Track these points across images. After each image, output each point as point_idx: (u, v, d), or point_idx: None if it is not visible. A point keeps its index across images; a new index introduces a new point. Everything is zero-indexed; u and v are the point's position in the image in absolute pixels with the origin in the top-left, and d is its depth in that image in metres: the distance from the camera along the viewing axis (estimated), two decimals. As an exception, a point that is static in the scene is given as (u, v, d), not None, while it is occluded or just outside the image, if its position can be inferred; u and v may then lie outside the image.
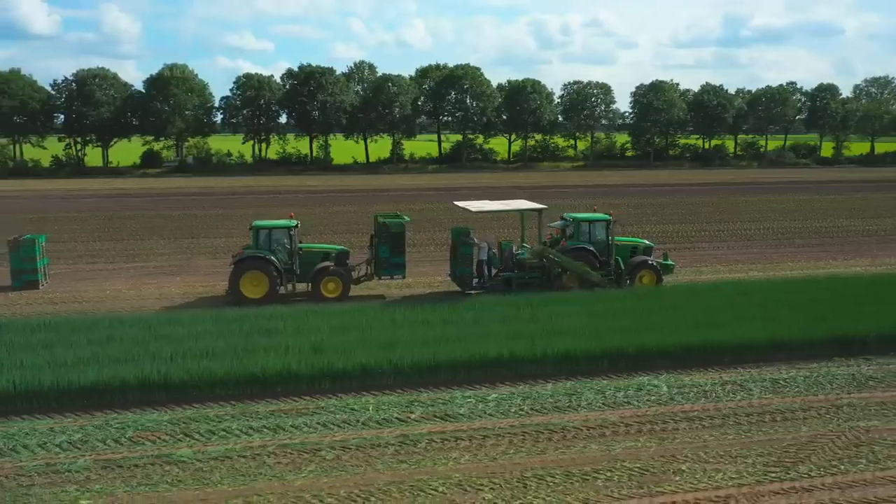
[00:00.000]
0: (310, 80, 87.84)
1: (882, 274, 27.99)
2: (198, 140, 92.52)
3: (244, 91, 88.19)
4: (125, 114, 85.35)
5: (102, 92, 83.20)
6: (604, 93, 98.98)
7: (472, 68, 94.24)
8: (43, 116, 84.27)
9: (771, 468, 12.62)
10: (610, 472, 12.47)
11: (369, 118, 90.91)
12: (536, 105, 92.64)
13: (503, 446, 13.52)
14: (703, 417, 14.84)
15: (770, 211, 48.74)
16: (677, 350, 17.99)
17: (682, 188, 66.39)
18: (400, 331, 18.94)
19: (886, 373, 17.44)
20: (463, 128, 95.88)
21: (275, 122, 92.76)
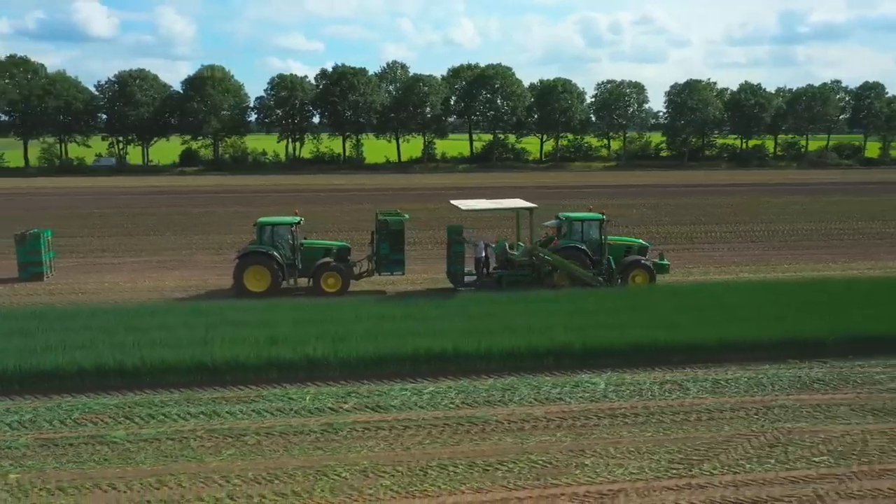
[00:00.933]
0: (342, 80, 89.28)
1: (871, 277, 27.39)
2: (234, 139, 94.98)
3: (278, 91, 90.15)
4: (164, 114, 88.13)
5: (142, 92, 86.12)
6: (637, 92, 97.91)
7: (502, 68, 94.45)
8: (86, 116, 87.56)
9: (675, 465, 12.78)
10: (514, 464, 12.81)
11: (400, 118, 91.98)
12: (567, 105, 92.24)
13: (420, 437, 13.97)
14: (628, 415, 15.01)
15: (789, 213, 47.78)
16: (626, 349, 18.11)
17: (708, 189, 65.39)
18: (358, 325, 19.49)
19: (835, 376, 17.27)
20: (493, 127, 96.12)
21: (308, 121, 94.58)
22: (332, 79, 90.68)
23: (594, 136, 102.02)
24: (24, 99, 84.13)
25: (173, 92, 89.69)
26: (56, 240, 35.53)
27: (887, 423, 14.62)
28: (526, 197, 48.97)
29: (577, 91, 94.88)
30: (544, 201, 50.37)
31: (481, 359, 17.61)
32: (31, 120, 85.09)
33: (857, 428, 14.33)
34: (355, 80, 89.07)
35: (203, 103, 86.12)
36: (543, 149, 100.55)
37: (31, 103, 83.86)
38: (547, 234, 28.41)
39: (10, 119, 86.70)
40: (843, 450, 13.37)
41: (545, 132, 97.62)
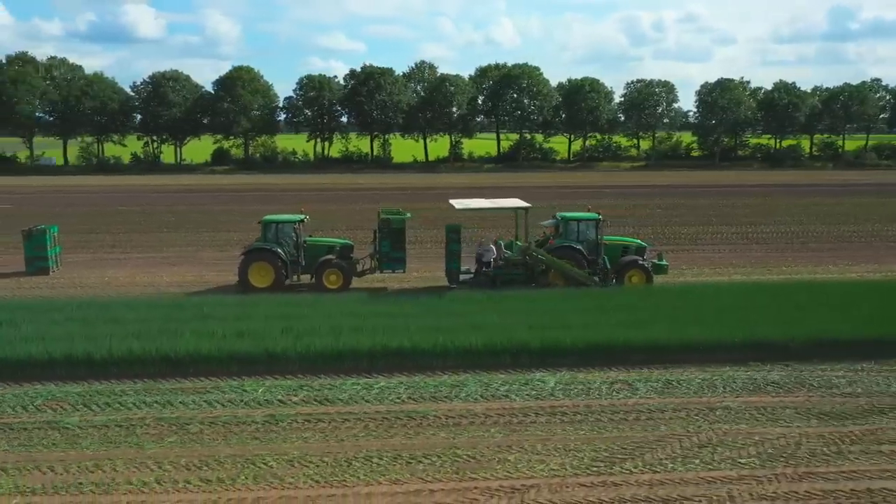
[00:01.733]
0: (369, 80, 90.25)
1: (859, 280, 26.86)
2: (265, 139, 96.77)
3: (306, 92, 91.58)
4: (196, 113, 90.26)
5: (175, 93, 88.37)
6: (667, 91, 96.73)
7: (529, 67, 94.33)
8: (122, 116, 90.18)
9: (597, 463, 12.91)
10: (438, 458, 13.08)
11: (427, 118, 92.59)
12: (595, 104, 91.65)
13: (357, 429, 14.35)
14: (568, 413, 15.13)
15: (807, 214, 46.82)
16: (583, 348, 18.20)
17: (733, 189, 64.35)
18: (328, 321, 19.92)
19: (792, 379, 17.09)
20: (520, 127, 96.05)
21: (336, 121, 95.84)
22: (360, 79, 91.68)
23: (623, 136, 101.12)
24: (63, 100, 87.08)
25: (205, 92, 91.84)
26: (71, 236, 37.14)
27: (829, 426, 14.48)
28: (546, 196, 49.40)
29: (605, 90, 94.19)
30: (563, 201, 50.77)
31: (438, 356, 17.88)
32: (70, 120, 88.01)
33: (796, 431, 14.23)
34: (382, 80, 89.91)
35: (233, 103, 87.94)
36: (571, 148, 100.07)
37: (69, 104, 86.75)
38: (545, 234, 28.54)
39: (51, 119, 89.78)
40: (773, 452, 13.31)
41: (573, 132, 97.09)
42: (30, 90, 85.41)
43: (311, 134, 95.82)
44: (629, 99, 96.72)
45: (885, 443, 13.72)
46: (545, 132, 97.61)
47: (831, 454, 13.25)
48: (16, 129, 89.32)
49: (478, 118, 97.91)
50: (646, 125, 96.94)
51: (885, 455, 13.23)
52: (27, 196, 60.12)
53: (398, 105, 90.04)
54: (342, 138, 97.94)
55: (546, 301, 21.89)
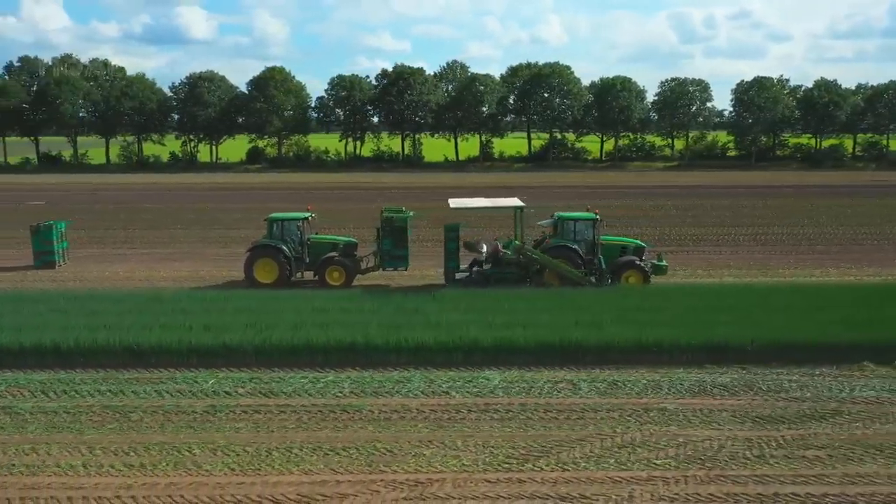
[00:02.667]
0: (399, 79, 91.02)
1: (850, 284, 26.14)
2: (298, 138, 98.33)
3: (337, 91, 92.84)
4: (230, 113, 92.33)
5: (210, 93, 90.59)
6: (701, 90, 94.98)
7: (560, 66, 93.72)
8: (160, 116, 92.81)
9: (510, 460, 13.03)
10: (357, 451, 13.39)
11: (457, 117, 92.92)
12: (626, 103, 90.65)
13: (290, 421, 14.75)
14: (500, 410, 15.24)
15: (828, 216, 45.52)
16: (536, 347, 18.26)
17: (761, 190, 62.74)
18: (294, 316, 20.38)
19: (742, 382, 16.87)
20: (551, 126, 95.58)
21: (368, 120, 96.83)
22: (391, 78, 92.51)
23: (656, 136, 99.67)
24: (104, 100, 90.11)
25: (239, 92, 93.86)
26: (89, 232, 38.65)
27: (761, 430, 14.30)
28: (564, 197, 49.26)
29: (637, 89, 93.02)
30: (580, 202, 50.21)
31: (390, 352, 18.18)
32: (111, 120, 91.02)
33: (725, 434, 14.10)
34: (412, 80, 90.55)
35: (266, 103, 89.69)
36: (604, 148, 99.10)
37: (109, 104, 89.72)
38: (545, 234, 28.56)
39: (93, 119, 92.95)
40: (692, 454, 13.24)
41: (604, 131, 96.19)
42: (73, 91, 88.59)
43: (343, 133, 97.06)
44: (662, 98, 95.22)
45: (812, 448, 13.50)
46: (576, 131, 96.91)
47: (752, 458, 13.11)
48: (60, 128, 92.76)
49: (508, 117, 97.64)
50: (679, 124, 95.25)
51: (807, 460, 13.03)
52: (61, 194, 62.47)
53: (427, 104, 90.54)
54: (374, 138, 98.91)
55: (510, 300, 21.94)
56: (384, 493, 11.93)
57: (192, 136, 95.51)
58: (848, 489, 11.96)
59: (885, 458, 13.10)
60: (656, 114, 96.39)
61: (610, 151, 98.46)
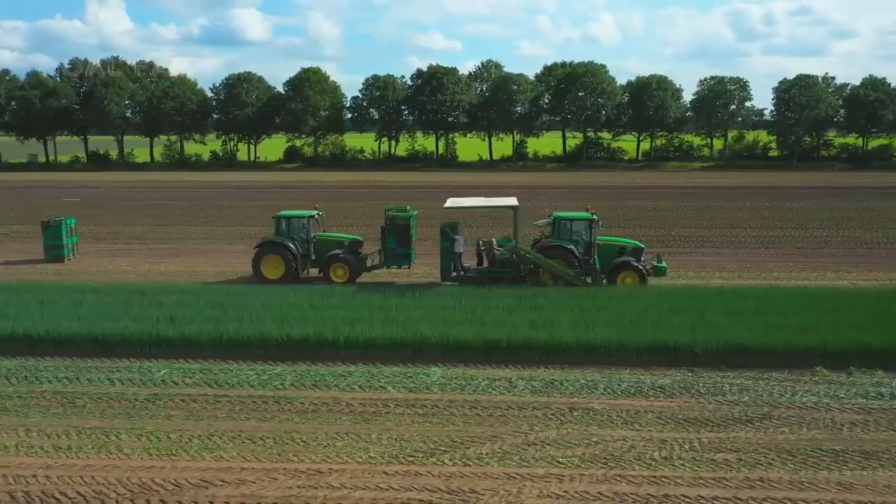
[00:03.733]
0: (432, 79, 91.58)
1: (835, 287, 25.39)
2: (334, 137, 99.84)
3: (371, 91, 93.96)
4: (267, 113, 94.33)
5: (248, 94, 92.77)
6: (739, 88, 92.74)
7: (594, 65, 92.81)
8: (199, 116, 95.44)
9: (417, 453, 13.31)
10: (273, 440, 13.86)
11: (489, 116, 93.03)
12: (661, 102, 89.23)
13: (222, 411, 15.30)
14: (429, 406, 15.51)
15: (849, 218, 44.11)
16: (484, 345, 18.45)
17: (796, 191, 60.87)
18: (261, 310, 20.97)
19: (682, 384, 16.74)
20: (585, 126, 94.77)
21: (402, 120, 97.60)
22: (424, 78, 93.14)
23: (695, 135, 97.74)
24: (148, 101, 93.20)
25: (276, 93, 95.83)
26: (106, 227, 40.24)
27: (681, 432, 14.23)
28: (589, 197, 48.88)
29: (674, 88, 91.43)
30: (604, 202, 50.20)
31: (340, 347, 18.64)
32: (154, 120, 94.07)
33: (642, 435, 14.09)
34: (445, 80, 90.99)
35: (302, 103, 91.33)
36: (640, 148, 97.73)
37: (153, 105, 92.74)
38: (543, 233, 28.64)
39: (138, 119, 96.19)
40: (599, 454, 13.28)
41: (639, 131, 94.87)
42: (118, 92, 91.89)
43: (379, 133, 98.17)
44: (700, 96, 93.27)
45: (724, 451, 13.38)
46: (612, 131, 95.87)
47: (658, 459, 13.09)
48: (107, 128, 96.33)
49: (542, 117, 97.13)
50: (716, 124, 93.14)
51: (714, 463, 12.94)
52: (96, 190, 65.03)
53: (459, 104, 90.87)
54: (408, 137, 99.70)
55: (472, 298, 22.14)
56: (282, 480, 12.34)
57: (232, 135, 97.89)
58: (742, 493, 11.86)
59: (796, 463, 12.92)
60: (694, 113, 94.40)
61: (646, 151, 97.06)
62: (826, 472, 12.60)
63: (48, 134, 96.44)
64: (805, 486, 12.13)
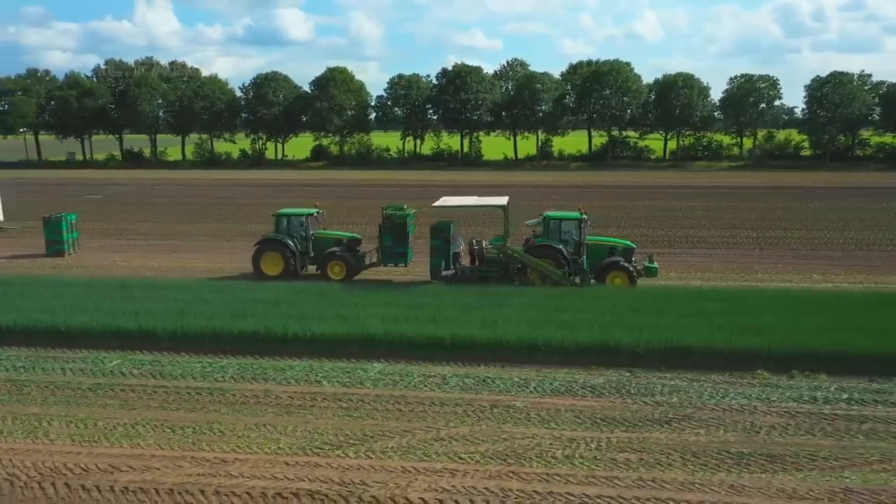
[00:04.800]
0: (456, 78, 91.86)
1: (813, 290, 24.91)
2: (360, 136, 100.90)
3: (396, 91, 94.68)
4: (294, 112, 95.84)
5: (274, 93, 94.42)
6: (770, 86, 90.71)
7: (619, 63, 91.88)
8: (228, 115, 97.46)
9: (323, 446, 13.61)
10: (193, 429, 14.32)
11: (513, 115, 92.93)
12: (687, 101, 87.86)
13: (154, 401, 15.83)
14: (354, 400, 15.80)
15: (865, 220, 43.03)
16: (426, 342, 18.68)
17: (816, 191, 59.52)
18: (225, 306, 21.60)
19: (613, 384, 16.70)
20: (609, 125, 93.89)
21: (427, 119, 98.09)
22: (449, 77, 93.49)
23: (724, 134, 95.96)
24: (179, 100, 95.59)
25: (303, 92, 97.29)
26: (116, 224, 41.52)
27: (594, 432, 14.24)
28: (604, 196, 48.65)
29: (700, 86, 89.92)
30: (617, 201, 49.94)
31: (288, 342, 19.07)
32: (185, 119, 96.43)
33: (553, 433, 14.15)
34: (468, 79, 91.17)
35: (328, 102, 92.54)
36: (668, 147, 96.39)
37: (183, 104, 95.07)
38: (535, 233, 28.70)
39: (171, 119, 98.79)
40: (502, 450, 13.40)
41: (665, 129, 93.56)
42: (150, 92, 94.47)
43: (404, 132, 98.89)
44: (729, 95, 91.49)
45: (629, 451, 13.39)
46: (638, 129, 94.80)
47: (559, 457, 13.16)
48: (140, 127, 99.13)
49: (566, 116, 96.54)
50: (745, 122, 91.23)
51: (613, 463, 12.96)
52: (121, 188, 67.05)
53: (483, 103, 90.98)
54: (433, 136, 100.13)
55: (433, 296, 22.40)
56: (186, 468, 12.79)
57: (260, 134, 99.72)
58: (627, 493, 11.89)
59: (697, 465, 12.87)
60: (721, 111, 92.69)
61: (673, 151, 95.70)
62: (724, 475, 12.53)
63: (85, 133, 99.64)
64: (696, 487, 12.09)
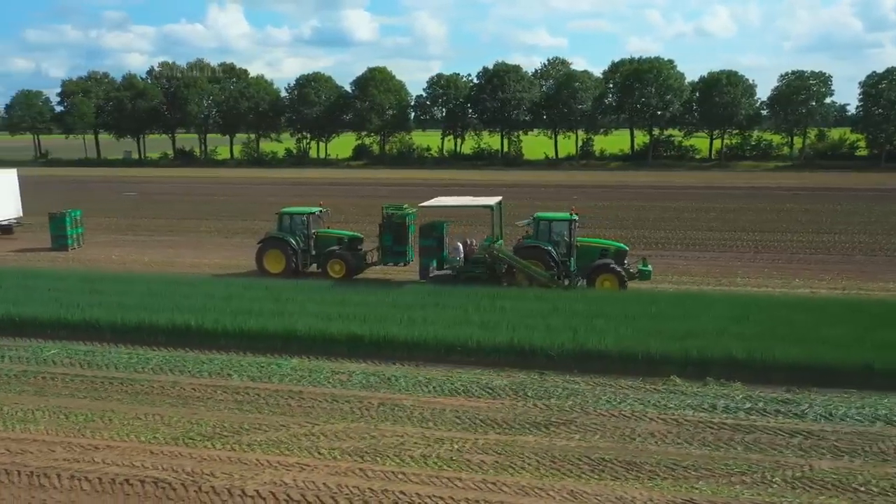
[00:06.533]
0: (493, 77, 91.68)
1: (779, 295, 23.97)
2: (402, 135, 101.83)
3: (435, 90, 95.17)
4: (335, 112, 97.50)
5: (316, 94, 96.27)
6: (821, 83, 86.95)
7: (661, 61, 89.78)
8: (272, 115, 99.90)
9: (193, 435, 14.03)
10: (84, 417, 14.98)
11: (552, 115, 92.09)
12: (730, 99, 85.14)
13: (82, 391, 16.50)
14: (253, 394, 16.21)
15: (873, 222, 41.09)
16: (347, 339, 18.95)
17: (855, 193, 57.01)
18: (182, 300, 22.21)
19: (511, 386, 16.54)
20: (651, 124, 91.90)
21: (467, 118, 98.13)
22: (487, 76, 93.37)
23: (772, 133, 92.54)
24: (226, 101, 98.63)
25: (344, 92, 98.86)
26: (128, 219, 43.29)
27: (469, 433, 14.20)
28: (622, 197, 47.95)
29: (745, 84, 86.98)
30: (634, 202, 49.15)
31: (219, 336, 19.63)
32: (232, 119, 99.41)
33: (422, 433, 14.17)
34: (507, 78, 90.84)
35: (368, 102, 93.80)
36: (713, 147, 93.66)
37: (230, 104, 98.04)
38: (528, 233, 28.56)
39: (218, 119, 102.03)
40: (363, 447, 13.52)
41: (709, 129, 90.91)
42: (198, 93, 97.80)
43: (445, 131, 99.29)
44: (779, 92, 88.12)
45: (489, 454, 13.30)
46: (682, 129, 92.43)
47: (416, 457, 13.19)
48: (190, 127, 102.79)
49: (607, 115, 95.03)
50: (794, 121, 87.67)
51: (469, 464, 12.92)
52: (161, 185, 69.74)
53: (521, 102, 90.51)
54: (474, 135, 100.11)
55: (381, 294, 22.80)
56: (58, 452, 13.42)
57: (304, 133, 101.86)
58: (458, 494, 11.86)
59: (549, 470, 12.70)
60: (769, 110, 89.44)
61: (718, 150, 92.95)
62: (572, 480, 12.35)
63: (140, 132, 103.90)
64: (533, 492, 11.96)
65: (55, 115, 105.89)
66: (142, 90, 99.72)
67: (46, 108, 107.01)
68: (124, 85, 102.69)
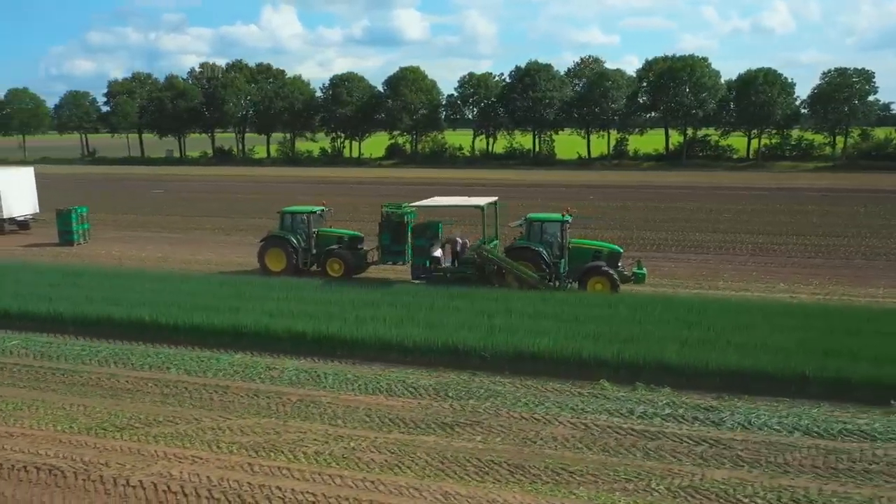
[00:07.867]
0: (525, 77, 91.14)
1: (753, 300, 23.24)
2: (434, 135, 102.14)
3: (465, 90, 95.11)
4: (367, 112, 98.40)
5: (349, 93, 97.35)
6: (864, 80, 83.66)
7: (696, 59, 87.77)
8: (305, 114, 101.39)
9: (108, 426, 14.48)
10: (14, 406, 15.59)
11: (583, 114, 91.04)
12: (767, 98, 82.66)
13: (24, 381, 17.19)
14: (181, 386, 16.63)
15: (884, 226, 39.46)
16: (285, 335, 19.25)
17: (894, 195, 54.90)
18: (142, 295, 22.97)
19: (440, 386, 16.49)
20: (684, 123, 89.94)
21: (499, 118, 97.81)
22: (519, 75, 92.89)
23: (814, 133, 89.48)
24: (262, 101, 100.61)
25: (376, 91, 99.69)
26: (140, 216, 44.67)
27: (370, 431, 14.28)
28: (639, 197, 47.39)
29: (782, 82, 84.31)
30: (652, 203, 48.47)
31: (171, 330, 20.14)
32: (268, 118, 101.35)
33: (325, 430, 14.28)
34: (537, 77, 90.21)
35: (399, 101, 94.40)
36: (751, 146, 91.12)
37: (265, 104, 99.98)
38: (521, 234, 28.49)
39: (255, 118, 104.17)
40: (263, 443, 13.72)
41: (746, 128, 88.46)
42: (235, 93, 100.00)
43: (477, 130, 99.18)
44: (820, 91, 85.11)
45: (383, 453, 13.32)
46: (718, 128, 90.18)
47: (309, 454, 13.29)
48: (227, 126, 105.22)
49: (640, 114, 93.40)
50: (834, 120, 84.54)
51: (358, 462, 12.97)
52: (191, 183, 71.61)
53: (551, 102, 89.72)
54: (506, 134, 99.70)
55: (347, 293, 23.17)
56: (-33, 439, 14.04)
57: (339, 133, 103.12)
58: (331, 490, 11.96)
59: (434, 470, 12.67)
60: (808, 109, 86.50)
61: (756, 150, 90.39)
62: (452, 482, 12.31)
63: (181, 131, 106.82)
64: (408, 492, 11.96)
65: (101, 115, 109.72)
66: (182, 90, 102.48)
67: (93, 109, 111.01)
68: (165, 85, 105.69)
